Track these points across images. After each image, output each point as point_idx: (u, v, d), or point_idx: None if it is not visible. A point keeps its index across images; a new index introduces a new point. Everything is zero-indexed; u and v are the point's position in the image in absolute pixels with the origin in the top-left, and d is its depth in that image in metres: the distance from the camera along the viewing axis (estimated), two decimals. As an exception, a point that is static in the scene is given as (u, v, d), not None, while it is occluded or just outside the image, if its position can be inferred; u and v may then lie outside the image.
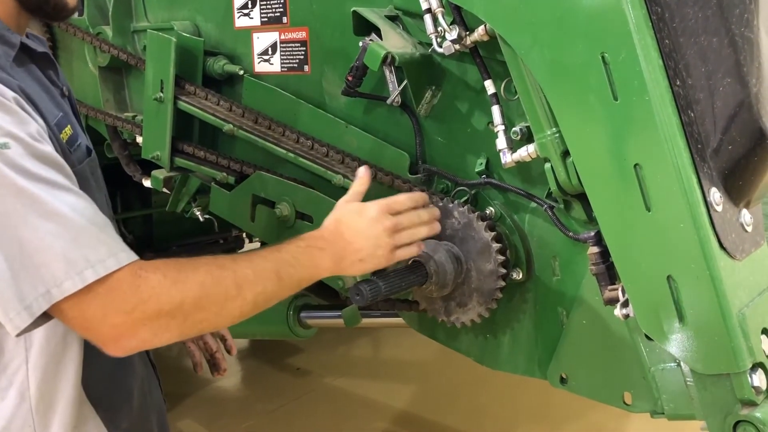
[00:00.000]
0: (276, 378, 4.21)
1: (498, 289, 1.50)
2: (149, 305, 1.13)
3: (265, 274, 1.25)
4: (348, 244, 1.36)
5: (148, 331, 1.15)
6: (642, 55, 1.16)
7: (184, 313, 1.16)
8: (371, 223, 1.37)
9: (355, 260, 1.37)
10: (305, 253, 1.32)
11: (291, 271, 1.29)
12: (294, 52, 1.92)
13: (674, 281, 1.18)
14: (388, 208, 1.41)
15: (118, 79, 2.40)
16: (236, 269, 1.22)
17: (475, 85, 1.58)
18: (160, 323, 1.15)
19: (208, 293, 1.18)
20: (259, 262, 1.26)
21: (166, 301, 1.14)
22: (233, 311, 1.22)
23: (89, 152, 1.39)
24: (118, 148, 2.42)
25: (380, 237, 1.37)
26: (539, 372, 1.60)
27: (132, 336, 1.15)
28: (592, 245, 1.36)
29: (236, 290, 1.21)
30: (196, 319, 1.18)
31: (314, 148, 1.80)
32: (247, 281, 1.22)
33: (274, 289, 1.26)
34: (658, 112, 1.15)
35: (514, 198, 1.57)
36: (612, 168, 1.22)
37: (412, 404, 3.79)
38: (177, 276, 1.17)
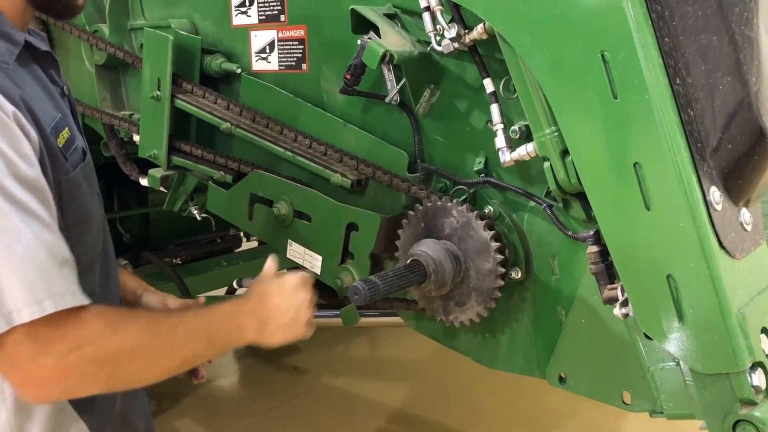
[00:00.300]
0: (273, 377, 4.19)
1: (497, 289, 1.50)
2: (86, 350, 1.11)
3: (197, 334, 1.26)
4: (272, 313, 1.38)
5: (77, 378, 1.12)
6: (642, 53, 1.15)
7: (115, 363, 1.14)
8: (294, 292, 1.41)
9: (277, 328, 1.39)
10: (234, 317, 1.34)
11: (219, 334, 1.30)
12: (292, 51, 1.91)
13: (674, 280, 1.18)
14: (306, 282, 1.45)
15: (114, 77, 2.39)
16: (171, 326, 1.23)
17: (473, 84, 1.58)
18: (90, 371, 1.12)
19: (144, 346, 1.18)
20: (191, 321, 1.28)
21: (103, 348, 1.13)
22: (161, 368, 1.22)
23: (84, 155, 1.37)
24: (115, 147, 2.41)
25: (300, 308, 1.41)
26: (538, 371, 1.60)
27: (58, 381, 1.12)
28: (591, 244, 1.36)
29: (169, 347, 1.21)
30: (125, 370, 1.16)
31: (312, 147, 1.79)
32: (179, 340, 1.23)
33: (202, 350, 1.28)
34: (658, 110, 1.15)
35: (512, 197, 1.56)
36: (611, 167, 1.22)
37: (409, 403, 3.78)
38: (118, 325, 1.16)
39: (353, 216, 1.70)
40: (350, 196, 1.76)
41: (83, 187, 1.32)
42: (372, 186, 1.74)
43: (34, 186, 1.14)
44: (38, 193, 1.15)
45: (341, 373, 4.15)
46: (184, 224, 3.30)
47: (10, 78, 1.21)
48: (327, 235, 1.75)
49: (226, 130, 1.91)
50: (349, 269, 1.72)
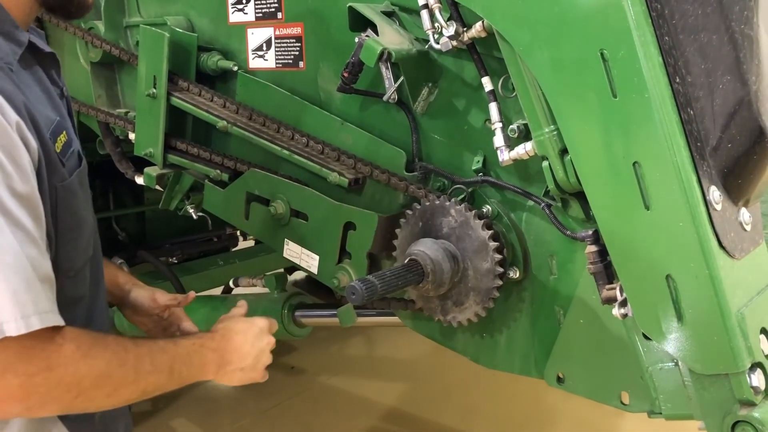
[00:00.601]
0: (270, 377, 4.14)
1: (495, 288, 1.49)
2: (54, 373, 1.10)
3: (161, 366, 1.26)
4: (236, 352, 1.40)
5: (39, 399, 1.11)
6: (642, 52, 1.15)
7: (80, 389, 1.13)
8: (259, 335, 1.44)
9: (237, 369, 1.41)
10: (198, 351, 1.35)
11: (182, 368, 1.30)
12: (289, 48, 1.90)
13: (673, 280, 1.17)
14: (272, 325, 1.50)
15: (110, 74, 2.37)
16: (138, 356, 1.22)
17: (472, 82, 1.57)
18: (53, 395, 1.11)
19: (111, 374, 1.17)
20: (158, 353, 1.27)
21: (71, 373, 1.12)
22: (123, 396, 1.22)
23: (80, 160, 1.36)
24: (111, 145, 2.39)
25: (264, 351, 1.45)
26: (536, 371, 1.59)
27: (20, 401, 1.10)
28: (590, 244, 1.35)
29: (134, 376, 1.21)
30: (88, 396, 1.16)
31: (309, 146, 1.78)
32: (144, 370, 1.23)
33: (164, 382, 1.27)
34: (658, 109, 1.14)
35: (511, 196, 1.56)
36: (611, 166, 1.21)
37: (406, 403, 3.77)
38: (89, 350, 1.15)
39: (351, 215, 1.69)
40: (347, 195, 1.75)
41: (78, 194, 1.32)
42: (369, 185, 1.73)
43: (26, 200, 1.13)
44: (30, 208, 1.14)
45: (338, 372, 4.14)
46: (180, 223, 3.29)
47: (13, 81, 1.19)
48: (324, 235, 1.74)
49: (222, 128, 1.90)
50: (347, 269, 1.72)
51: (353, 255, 1.71)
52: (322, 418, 3.63)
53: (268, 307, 2.31)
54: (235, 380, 1.43)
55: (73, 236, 1.28)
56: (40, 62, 1.35)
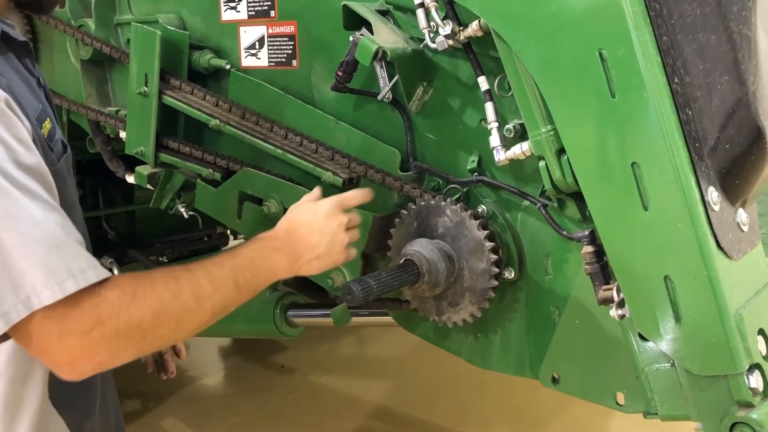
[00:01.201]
0: (260, 376, 4.15)
1: (491, 289, 1.48)
2: (108, 325, 1.07)
3: (223, 282, 1.21)
4: (304, 242, 1.34)
5: (106, 352, 1.09)
6: (640, 51, 1.14)
7: (142, 331, 1.10)
8: (326, 219, 1.37)
9: (312, 258, 1.35)
10: (260, 256, 1.29)
11: (248, 276, 1.25)
12: (282, 47, 1.89)
13: (671, 281, 1.17)
14: (341, 205, 1.40)
15: (100, 72, 2.34)
16: (193, 280, 1.17)
17: (467, 82, 1.56)
18: (118, 343, 1.09)
19: (167, 308, 1.13)
20: (215, 271, 1.22)
21: (125, 320, 1.09)
22: (192, 324, 1.17)
23: (65, 148, 1.35)
24: (101, 144, 2.37)
25: (336, 233, 1.37)
26: (530, 372, 1.59)
27: (89, 358, 1.08)
28: (586, 244, 1.35)
29: (195, 303, 1.16)
30: (155, 335, 1.12)
31: (303, 145, 1.77)
32: (205, 292, 1.17)
33: (233, 297, 1.22)
34: (657, 109, 1.14)
35: (506, 196, 1.55)
36: (609, 166, 1.21)
37: (397, 401, 3.76)
38: (135, 292, 1.11)
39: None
40: (341, 195, 1.73)
41: (67, 180, 1.30)
42: (364, 184, 1.72)
43: (35, 172, 1.12)
44: (41, 178, 1.12)
45: (328, 371, 4.13)
46: (170, 222, 3.26)
47: None
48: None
49: (215, 127, 1.88)
50: (341, 269, 1.70)
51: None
52: (312, 417, 3.62)
53: (260, 308, 2.30)
54: (314, 269, 1.37)
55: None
56: (14, 52, 1.33)
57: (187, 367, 4.36)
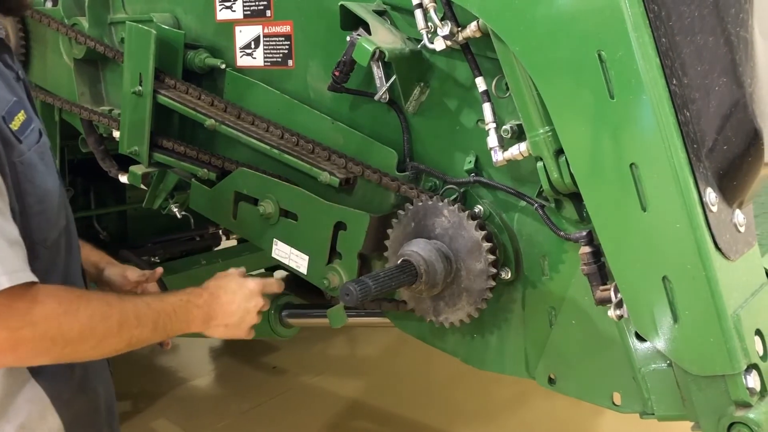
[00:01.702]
0: (251, 377, 4.13)
1: (488, 289, 1.48)
2: (37, 328, 1.20)
3: (145, 320, 1.36)
4: (222, 309, 1.52)
5: (28, 350, 1.21)
6: (639, 53, 1.14)
7: (65, 341, 1.23)
8: (248, 297, 1.55)
9: (221, 324, 1.53)
10: (183, 308, 1.46)
11: (166, 322, 1.41)
12: (278, 47, 1.88)
13: (669, 282, 1.17)
14: (264, 289, 1.59)
15: (93, 71, 2.34)
16: (122, 311, 1.33)
17: (464, 83, 1.56)
18: (41, 346, 1.22)
19: (94, 327, 1.27)
20: (142, 309, 1.37)
21: (53, 327, 1.21)
22: (108, 347, 1.32)
23: (40, 136, 1.42)
24: (94, 143, 2.35)
25: (250, 312, 1.56)
26: (527, 372, 1.58)
27: (10, 351, 1.20)
28: (584, 245, 1.35)
29: (117, 330, 1.31)
30: (75, 348, 1.26)
31: (299, 145, 1.77)
32: (128, 323, 1.33)
33: (148, 335, 1.38)
34: (656, 111, 1.14)
35: (503, 196, 1.55)
36: (607, 167, 1.21)
37: (389, 402, 3.75)
38: (69, 306, 1.24)
39: (342, 215, 1.67)
40: (337, 194, 1.73)
41: (39, 167, 1.37)
42: (360, 185, 1.72)
43: None
44: None
45: (321, 372, 4.12)
46: (162, 222, 3.25)
47: None
48: (314, 235, 1.72)
49: (210, 126, 1.88)
50: (337, 269, 1.70)
51: (344, 255, 1.69)
52: (304, 418, 3.61)
53: (254, 308, 2.29)
54: (218, 334, 1.54)
55: (42, 208, 1.35)
56: None
57: (177, 368, 4.34)
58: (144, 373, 4.02)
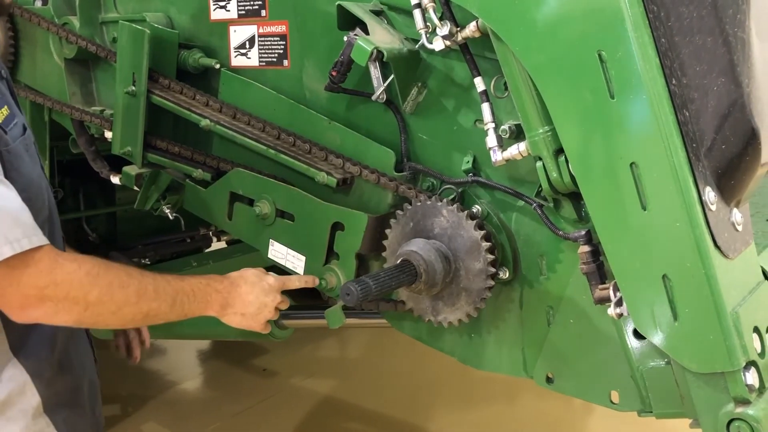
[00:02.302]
0: (241, 379, 4.11)
1: (487, 289, 1.48)
2: (60, 287, 1.29)
3: (163, 295, 1.42)
4: (240, 298, 1.57)
5: (51, 307, 1.30)
6: (639, 53, 1.15)
7: (86, 302, 1.31)
8: (266, 291, 1.59)
9: (238, 312, 1.57)
10: (203, 290, 1.51)
11: (185, 301, 1.46)
12: (273, 47, 1.88)
13: (669, 280, 1.18)
14: (282, 285, 1.64)
15: (84, 71, 2.31)
16: (141, 281, 1.39)
17: (461, 83, 1.56)
18: (63, 305, 1.30)
19: (113, 293, 1.34)
20: (162, 283, 1.43)
21: (75, 288, 1.30)
22: (126, 316, 1.39)
23: (24, 130, 1.48)
24: (85, 144, 2.32)
25: (267, 306, 1.60)
26: (524, 372, 1.59)
27: (37, 307, 1.30)
28: (582, 244, 1.36)
29: (136, 299, 1.37)
30: (95, 311, 1.33)
31: (296, 145, 1.76)
32: (147, 295, 1.39)
33: (166, 311, 1.43)
34: (655, 110, 1.15)
35: (501, 196, 1.56)
36: (607, 167, 1.22)
37: (379, 404, 3.74)
38: (90, 270, 1.33)
39: (339, 215, 1.67)
40: (335, 195, 1.73)
41: (24, 158, 1.43)
42: (358, 185, 1.71)
43: None
44: None
45: (311, 374, 4.10)
46: (152, 224, 3.22)
47: None
48: (311, 235, 1.72)
49: (205, 127, 1.87)
50: (334, 270, 1.70)
51: (341, 256, 1.69)
52: (295, 421, 3.59)
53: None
54: (234, 323, 1.58)
55: (27, 196, 1.38)
56: None
57: (166, 370, 4.31)
58: (132, 377, 3.99)
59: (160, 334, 2.60)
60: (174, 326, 2.44)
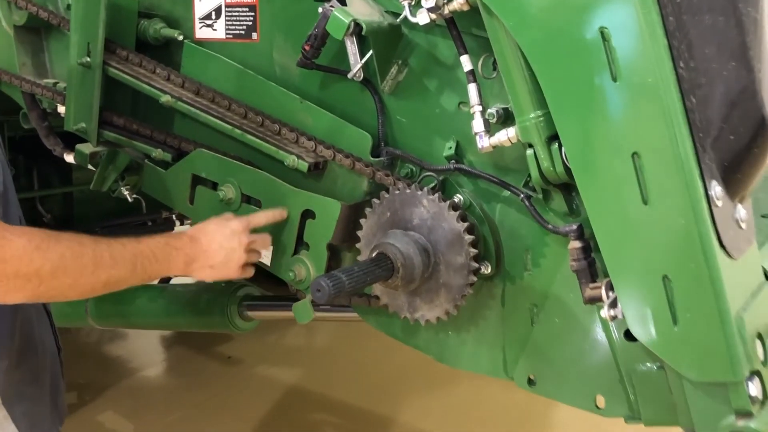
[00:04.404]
0: (205, 367, 4.01)
1: (469, 285, 1.38)
2: (9, 265, 1.21)
3: (122, 261, 1.35)
4: (202, 251, 1.50)
5: (2, 286, 1.22)
6: (647, 31, 1.05)
7: (39, 278, 1.23)
8: (229, 235, 1.52)
9: (205, 265, 1.51)
10: (162, 250, 1.44)
11: (145, 264, 1.39)
12: (241, 18, 1.76)
13: (670, 281, 1.09)
14: (248, 225, 1.55)
15: (36, 40, 2.16)
16: (96, 249, 1.32)
17: (445, 61, 1.46)
18: (15, 283, 1.22)
19: (66, 265, 1.26)
20: (117, 248, 1.36)
21: (25, 264, 1.22)
22: (85, 287, 1.31)
23: None
24: (36, 119, 2.18)
25: (235, 250, 1.52)
26: (504, 373, 1.50)
27: None
28: (573, 239, 1.26)
29: (92, 268, 1.30)
30: (50, 285, 1.25)
31: (264, 125, 1.63)
32: (104, 263, 1.31)
33: (127, 276, 1.37)
34: (662, 95, 1.05)
35: (484, 186, 1.46)
36: (607, 156, 1.11)
37: (347, 394, 3.66)
38: (40, 243, 1.24)
39: (310, 202, 1.56)
40: (305, 180, 1.61)
41: None
42: (331, 170, 1.60)
43: None
44: None
45: (277, 363, 4.03)
46: (111, 205, 3.08)
47: None
48: (280, 223, 1.60)
49: (166, 103, 1.74)
50: (304, 261, 1.58)
51: (312, 246, 1.57)
52: (260, 410, 3.51)
53: (210, 298, 2.16)
54: (206, 276, 1.53)
55: None
56: None
57: (127, 357, 4.21)
58: (91, 363, 3.87)
59: (116, 323, 2.49)
60: (130, 316, 2.35)
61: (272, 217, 1.59)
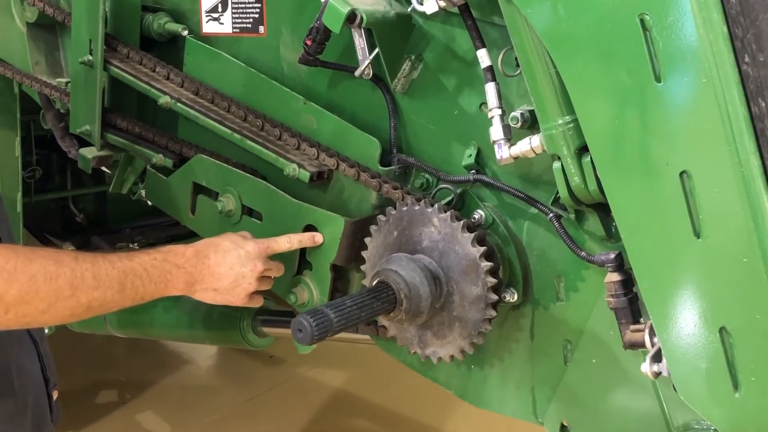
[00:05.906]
0: (247, 366, 3.97)
1: (487, 320, 1.19)
2: None
3: (107, 281, 1.22)
4: (209, 271, 1.34)
5: None
6: (700, 17, 0.83)
7: (5, 305, 1.12)
8: (243, 259, 1.35)
9: (210, 288, 1.35)
10: (159, 267, 1.29)
11: (137, 283, 1.26)
12: (248, 10, 1.65)
13: (729, 335, 0.87)
14: (266, 251, 1.38)
15: (50, 38, 2.10)
16: (75, 269, 1.19)
17: (464, 56, 1.30)
18: None
19: (37, 288, 1.14)
20: (104, 267, 1.23)
21: None
22: (62, 312, 1.19)
23: None
24: (52, 119, 2.12)
25: (245, 277, 1.35)
26: (534, 416, 1.35)
27: None
28: (611, 271, 1.06)
29: (70, 291, 1.18)
30: (19, 312, 1.14)
31: (265, 129, 1.48)
32: (84, 284, 1.19)
33: (115, 298, 1.23)
34: (720, 99, 0.83)
35: (510, 200, 1.28)
36: (648, 175, 0.91)
37: (389, 398, 3.55)
38: (5, 265, 1.13)
39: (312, 217, 1.41)
40: (309, 191, 1.46)
41: None
42: (337, 179, 1.44)
43: None
44: None
45: (319, 363, 3.96)
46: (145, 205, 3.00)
47: None
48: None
49: (164, 104, 1.61)
50: (306, 282, 1.44)
51: (314, 265, 1.43)
52: (301, 411, 3.44)
53: (223, 312, 2.04)
54: (208, 299, 1.37)
55: None
56: None
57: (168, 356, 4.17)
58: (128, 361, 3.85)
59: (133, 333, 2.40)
60: (145, 326, 2.26)
61: (297, 243, 1.40)
